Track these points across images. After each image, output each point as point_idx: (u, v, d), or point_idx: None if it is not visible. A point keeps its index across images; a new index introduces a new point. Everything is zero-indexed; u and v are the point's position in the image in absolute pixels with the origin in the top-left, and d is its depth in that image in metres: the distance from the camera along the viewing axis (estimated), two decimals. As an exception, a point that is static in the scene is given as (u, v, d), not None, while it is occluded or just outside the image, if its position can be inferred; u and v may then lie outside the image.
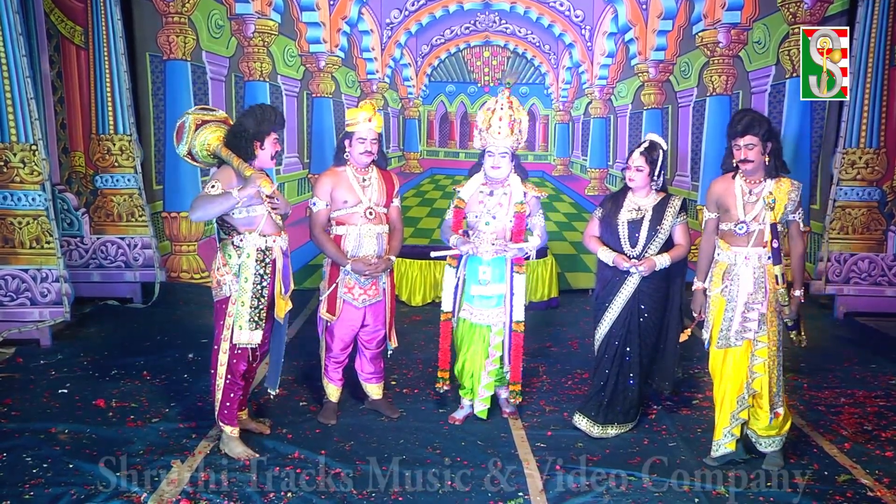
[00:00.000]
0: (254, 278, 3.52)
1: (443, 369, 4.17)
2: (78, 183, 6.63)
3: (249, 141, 3.52)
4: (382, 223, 4.01)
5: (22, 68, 5.24)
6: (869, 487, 3.40)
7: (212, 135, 3.60)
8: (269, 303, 3.61)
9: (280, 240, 3.62)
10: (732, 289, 3.53)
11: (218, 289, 3.60)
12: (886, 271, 6.45)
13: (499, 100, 3.89)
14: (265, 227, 3.55)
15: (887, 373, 5.04)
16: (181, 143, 3.65)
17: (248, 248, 3.53)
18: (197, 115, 3.67)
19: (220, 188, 3.46)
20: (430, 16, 7.49)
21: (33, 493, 3.22)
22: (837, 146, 6.40)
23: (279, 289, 3.62)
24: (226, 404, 3.62)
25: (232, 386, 3.62)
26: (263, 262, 3.55)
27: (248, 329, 3.54)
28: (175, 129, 3.70)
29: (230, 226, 3.59)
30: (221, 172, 3.54)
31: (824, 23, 6.60)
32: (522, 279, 4.01)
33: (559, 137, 7.83)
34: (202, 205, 3.43)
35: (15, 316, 5.45)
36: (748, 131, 3.41)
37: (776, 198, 3.45)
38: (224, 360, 3.60)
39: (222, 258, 3.59)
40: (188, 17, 6.89)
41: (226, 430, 3.65)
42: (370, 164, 4.00)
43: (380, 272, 3.99)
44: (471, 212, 4.00)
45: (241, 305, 3.53)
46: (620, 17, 7.38)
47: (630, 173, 3.90)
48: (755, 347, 3.51)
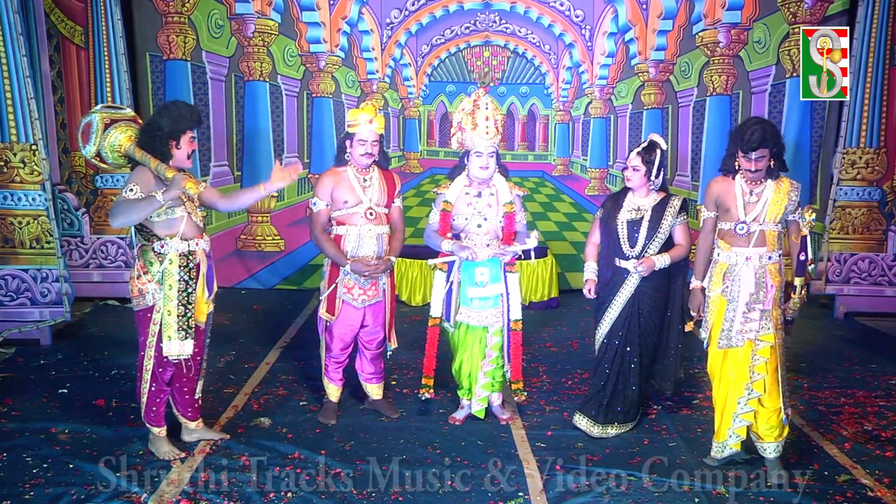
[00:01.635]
0: (178, 285, 3.40)
1: (427, 376, 4.13)
2: (78, 183, 6.63)
3: (164, 140, 3.37)
4: (383, 223, 4.00)
5: (22, 68, 5.24)
6: (869, 487, 3.40)
7: (122, 134, 3.44)
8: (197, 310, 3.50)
9: (203, 242, 3.51)
10: (733, 289, 3.52)
11: (140, 298, 3.45)
12: (886, 271, 6.45)
13: (480, 99, 3.86)
14: (186, 230, 3.43)
15: (887, 373, 5.04)
16: (88, 144, 3.44)
17: (170, 253, 3.40)
18: (104, 115, 3.47)
19: (139, 191, 3.30)
20: (431, 16, 7.49)
21: (33, 493, 3.23)
22: (837, 146, 6.40)
23: (201, 293, 3.51)
24: (151, 409, 3.57)
25: (158, 393, 3.56)
26: (187, 266, 3.43)
27: (178, 339, 3.42)
28: (80, 130, 3.48)
29: (149, 231, 3.42)
30: (138, 175, 3.36)
31: (824, 23, 6.60)
32: (516, 278, 4.01)
33: (559, 137, 7.82)
34: (124, 210, 3.27)
35: (15, 316, 5.45)
36: (762, 145, 3.38)
37: (776, 198, 3.45)
38: (150, 367, 3.50)
39: (142, 266, 3.43)
40: (188, 16, 6.89)
41: (153, 431, 3.61)
42: (371, 164, 3.99)
43: (379, 273, 3.98)
44: (459, 214, 3.95)
45: (168, 315, 3.40)
46: (620, 17, 7.37)
47: (627, 173, 3.91)
48: (757, 347, 3.50)
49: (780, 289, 3.50)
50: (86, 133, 3.46)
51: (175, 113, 3.41)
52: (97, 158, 3.50)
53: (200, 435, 3.77)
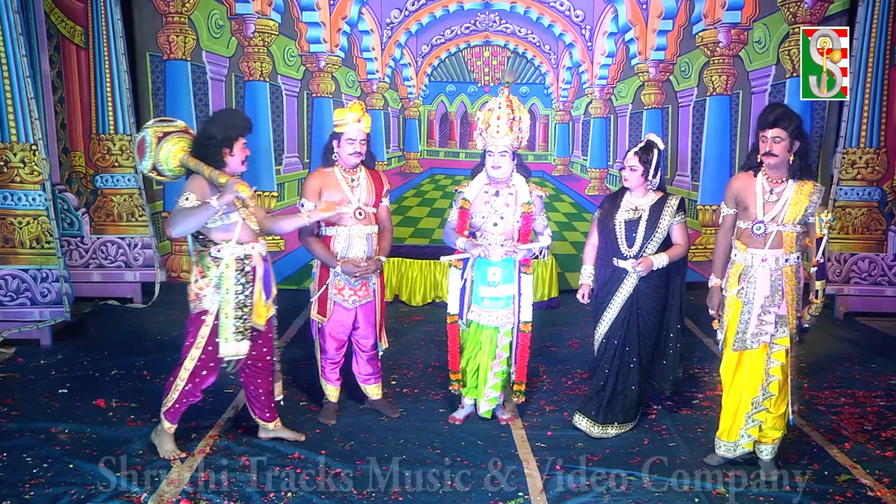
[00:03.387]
0: (235, 288, 3.45)
1: (454, 371, 4.15)
2: (78, 183, 6.63)
3: (218, 148, 3.43)
4: (372, 223, 4.00)
5: (22, 68, 5.24)
6: (869, 487, 3.40)
7: (175, 146, 3.49)
8: (253, 312, 3.55)
9: (258, 246, 3.56)
10: (749, 291, 3.47)
11: (196, 301, 3.51)
12: (886, 271, 6.45)
13: (498, 99, 3.88)
14: (242, 234, 3.47)
15: (887, 373, 5.04)
16: (144, 159, 3.51)
17: (226, 258, 3.45)
18: (157, 129, 3.53)
19: (195, 199, 3.37)
20: (431, 16, 7.49)
21: (33, 493, 3.23)
22: (837, 146, 6.39)
23: (259, 296, 3.56)
24: (175, 406, 3.59)
25: (189, 394, 3.58)
26: (243, 270, 3.48)
27: (235, 340, 3.48)
28: (135, 146, 3.58)
29: (205, 237, 3.49)
30: (192, 183, 3.43)
31: (824, 23, 6.60)
32: (530, 279, 4.00)
33: (559, 137, 7.83)
34: (182, 219, 3.33)
35: (15, 316, 5.45)
36: (778, 123, 3.34)
37: (797, 199, 3.39)
38: (191, 367, 3.52)
39: (199, 271, 3.49)
40: (188, 16, 6.89)
41: (164, 425, 3.62)
42: (359, 164, 3.99)
43: (370, 273, 3.97)
44: (476, 213, 3.96)
45: (226, 318, 3.46)
46: (620, 17, 7.37)
47: (625, 173, 3.91)
48: (772, 350, 3.46)
49: (795, 292, 3.45)
50: (141, 148, 3.53)
51: (227, 121, 3.49)
52: (154, 172, 3.56)
53: (278, 434, 3.82)
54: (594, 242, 4.07)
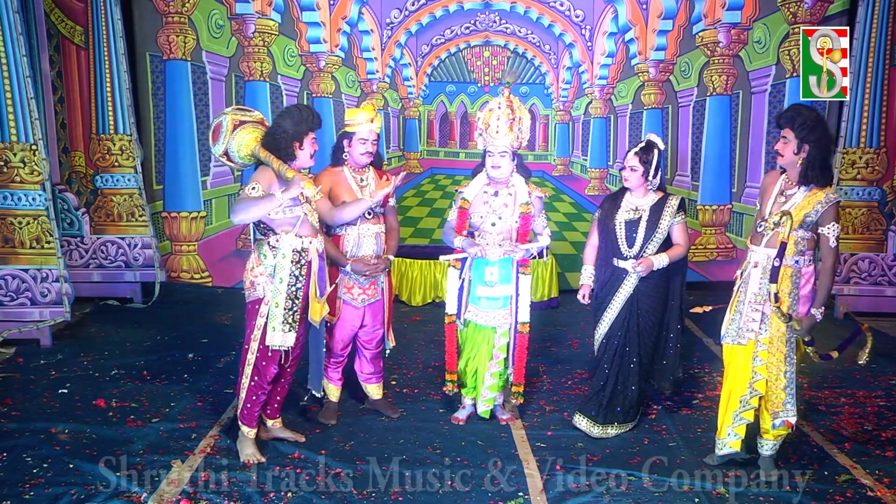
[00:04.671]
0: (289, 279, 3.50)
1: (450, 372, 4.15)
2: (78, 183, 6.63)
3: (289, 142, 3.52)
4: (380, 223, 4.02)
5: (22, 68, 5.23)
6: (869, 487, 3.40)
7: (249, 136, 3.57)
8: (303, 305, 3.58)
9: (316, 241, 3.60)
10: (743, 286, 3.52)
11: (251, 289, 3.58)
12: (886, 271, 6.45)
13: (498, 99, 3.88)
14: (302, 228, 3.53)
15: (887, 373, 5.04)
16: (218, 143, 3.60)
17: (284, 248, 3.50)
18: (235, 116, 3.63)
19: (261, 190, 3.44)
20: (431, 16, 7.49)
21: (33, 493, 3.23)
22: (837, 146, 6.39)
23: (314, 291, 3.59)
24: (247, 405, 3.62)
25: (256, 388, 3.60)
26: (299, 263, 3.53)
27: (282, 331, 3.51)
28: (211, 129, 3.66)
29: (266, 226, 3.57)
30: (260, 174, 3.52)
31: (824, 23, 6.60)
32: (528, 280, 4.00)
33: (559, 137, 7.83)
34: (245, 207, 3.39)
35: (15, 316, 5.45)
36: (786, 123, 3.37)
37: (803, 204, 3.36)
38: (252, 360, 3.57)
39: (257, 259, 3.56)
40: (188, 16, 6.89)
41: (243, 430, 3.65)
42: (368, 164, 4.00)
43: (379, 272, 3.99)
44: (475, 212, 3.97)
45: (276, 307, 3.50)
46: (620, 17, 7.37)
47: (625, 173, 3.91)
48: (757, 348, 3.47)
49: (789, 297, 3.40)
50: (216, 133, 3.61)
51: (298, 116, 3.55)
52: (225, 157, 3.65)
53: (277, 434, 3.84)
54: (594, 243, 4.08)
